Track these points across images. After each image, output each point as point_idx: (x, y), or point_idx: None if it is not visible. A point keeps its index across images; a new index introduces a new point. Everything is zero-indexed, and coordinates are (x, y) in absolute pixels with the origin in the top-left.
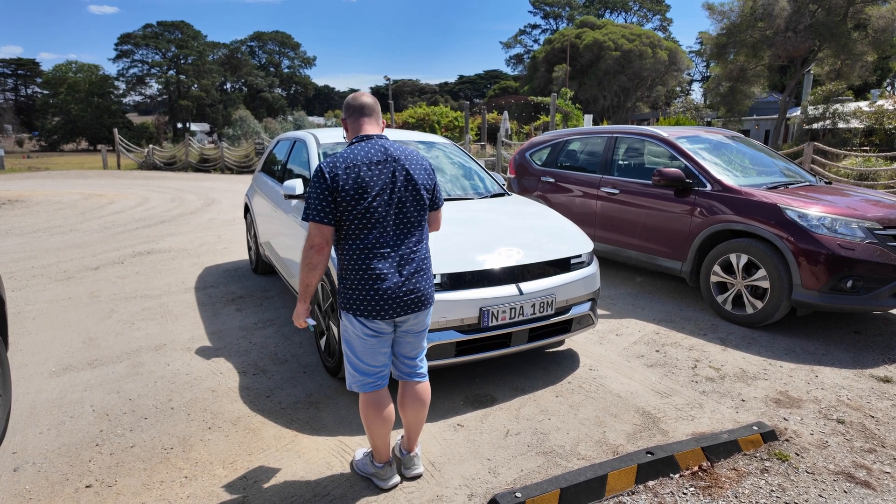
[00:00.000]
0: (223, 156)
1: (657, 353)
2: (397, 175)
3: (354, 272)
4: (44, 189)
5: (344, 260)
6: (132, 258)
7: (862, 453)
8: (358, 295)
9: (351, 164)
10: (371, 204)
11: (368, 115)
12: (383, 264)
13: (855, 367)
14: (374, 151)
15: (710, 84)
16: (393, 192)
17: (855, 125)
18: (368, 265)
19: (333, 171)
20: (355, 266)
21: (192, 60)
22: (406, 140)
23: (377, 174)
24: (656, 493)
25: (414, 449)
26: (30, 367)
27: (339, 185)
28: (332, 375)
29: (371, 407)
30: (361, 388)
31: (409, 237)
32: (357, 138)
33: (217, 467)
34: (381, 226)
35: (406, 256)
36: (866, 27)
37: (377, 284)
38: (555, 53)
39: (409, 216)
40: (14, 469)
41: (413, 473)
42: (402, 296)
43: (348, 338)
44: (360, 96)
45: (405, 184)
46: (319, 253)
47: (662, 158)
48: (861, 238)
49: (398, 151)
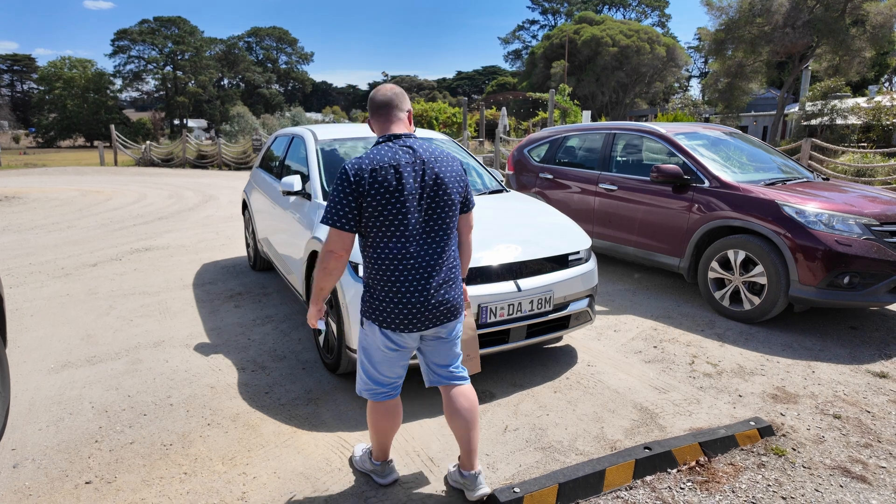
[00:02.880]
0: (221, 152)
1: (655, 349)
2: (427, 178)
3: (381, 282)
4: (41, 185)
5: (370, 268)
6: (130, 255)
7: (858, 448)
8: (384, 306)
9: (377, 165)
10: (399, 210)
11: (394, 112)
12: (412, 275)
13: (851, 362)
14: (402, 152)
15: (709, 80)
16: (422, 197)
17: (853, 121)
18: (397, 276)
19: (359, 174)
20: (382, 276)
21: (189, 56)
22: None
23: (406, 177)
24: (654, 487)
25: (476, 466)
26: (28, 364)
27: (364, 188)
28: (331, 372)
29: (381, 414)
30: (373, 396)
31: (440, 244)
32: (384, 137)
33: (216, 463)
34: (409, 233)
35: (436, 265)
36: (864, 23)
37: (406, 296)
38: (553, 49)
39: (440, 222)
40: (13, 466)
41: (478, 494)
42: (432, 308)
43: (367, 346)
44: (384, 90)
45: (435, 187)
46: (338, 260)
47: (660, 155)
48: (858, 234)
49: (427, 152)
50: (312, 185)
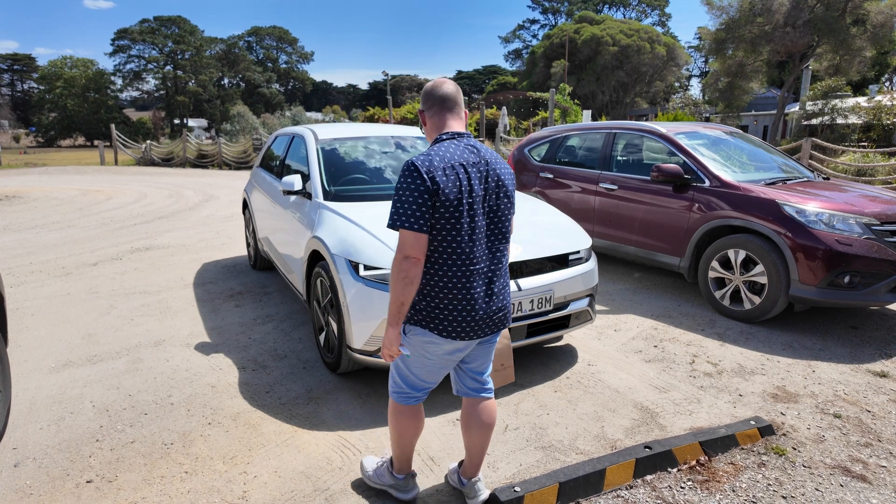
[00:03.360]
0: (221, 152)
1: (655, 349)
2: (490, 179)
3: (445, 289)
4: (41, 185)
5: (430, 274)
6: (131, 254)
7: (858, 447)
8: (446, 314)
9: (449, 164)
10: (467, 212)
11: (457, 108)
12: (478, 281)
13: (852, 362)
14: (467, 152)
15: (709, 79)
16: (486, 199)
17: (853, 121)
18: (463, 282)
19: (431, 171)
20: (447, 283)
21: (190, 56)
22: (405, 136)
23: (474, 177)
24: (654, 487)
25: (477, 474)
26: (29, 363)
27: (438, 187)
28: (332, 371)
29: (408, 417)
30: (404, 400)
31: (500, 248)
32: (446, 135)
33: (217, 462)
34: (476, 237)
35: (497, 270)
36: (865, 22)
37: (471, 303)
38: (553, 49)
39: (501, 225)
40: (14, 465)
41: (479, 501)
42: (492, 314)
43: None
44: (442, 85)
45: (497, 189)
46: (416, 265)
47: (661, 154)
48: (858, 234)
49: (487, 152)
50: (313, 185)
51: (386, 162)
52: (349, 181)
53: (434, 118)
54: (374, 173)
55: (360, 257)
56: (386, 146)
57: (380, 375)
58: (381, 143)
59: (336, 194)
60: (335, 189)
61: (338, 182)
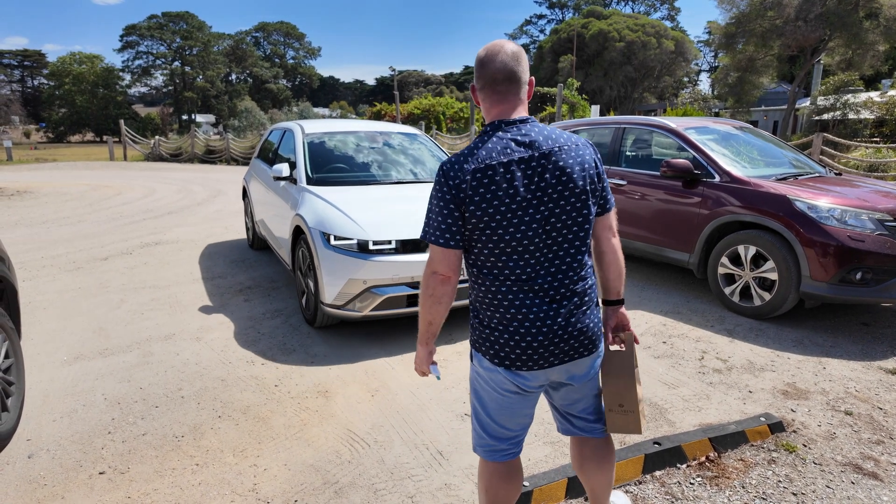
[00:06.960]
0: (229, 147)
1: (664, 345)
2: (548, 177)
3: (491, 308)
4: (52, 180)
5: (479, 292)
6: (140, 249)
7: (870, 445)
8: (497, 337)
9: (480, 164)
10: (510, 220)
11: (513, 87)
12: (533, 300)
13: (863, 358)
14: (513, 146)
15: (719, 74)
16: (541, 203)
17: (865, 116)
18: (511, 300)
19: (456, 176)
20: (492, 301)
21: (197, 51)
22: (385, 131)
23: (519, 178)
24: (663, 482)
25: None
26: (42, 356)
27: (465, 193)
28: (310, 325)
29: (498, 478)
30: (489, 455)
31: (566, 260)
32: (492, 125)
33: (227, 455)
34: (525, 248)
35: (565, 287)
36: (878, 16)
37: (524, 326)
38: (561, 44)
39: (566, 233)
40: (28, 456)
41: None
42: (560, 341)
43: (479, 388)
44: (495, 57)
45: (559, 188)
46: (445, 283)
47: (670, 149)
48: (871, 229)
49: (549, 142)
50: (298, 172)
51: (364, 153)
52: (330, 169)
53: (485, 101)
54: (351, 162)
55: (332, 230)
56: (365, 140)
57: (390, 372)
58: (361, 137)
59: (317, 180)
60: (317, 175)
61: (320, 170)
